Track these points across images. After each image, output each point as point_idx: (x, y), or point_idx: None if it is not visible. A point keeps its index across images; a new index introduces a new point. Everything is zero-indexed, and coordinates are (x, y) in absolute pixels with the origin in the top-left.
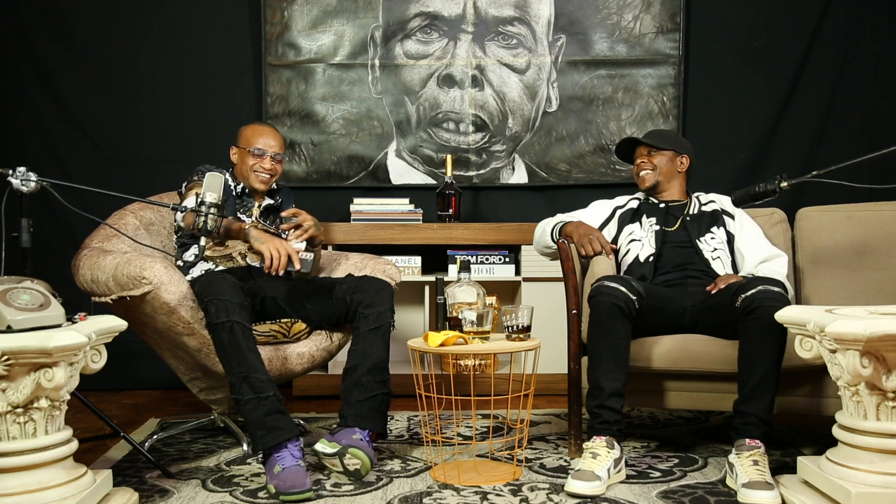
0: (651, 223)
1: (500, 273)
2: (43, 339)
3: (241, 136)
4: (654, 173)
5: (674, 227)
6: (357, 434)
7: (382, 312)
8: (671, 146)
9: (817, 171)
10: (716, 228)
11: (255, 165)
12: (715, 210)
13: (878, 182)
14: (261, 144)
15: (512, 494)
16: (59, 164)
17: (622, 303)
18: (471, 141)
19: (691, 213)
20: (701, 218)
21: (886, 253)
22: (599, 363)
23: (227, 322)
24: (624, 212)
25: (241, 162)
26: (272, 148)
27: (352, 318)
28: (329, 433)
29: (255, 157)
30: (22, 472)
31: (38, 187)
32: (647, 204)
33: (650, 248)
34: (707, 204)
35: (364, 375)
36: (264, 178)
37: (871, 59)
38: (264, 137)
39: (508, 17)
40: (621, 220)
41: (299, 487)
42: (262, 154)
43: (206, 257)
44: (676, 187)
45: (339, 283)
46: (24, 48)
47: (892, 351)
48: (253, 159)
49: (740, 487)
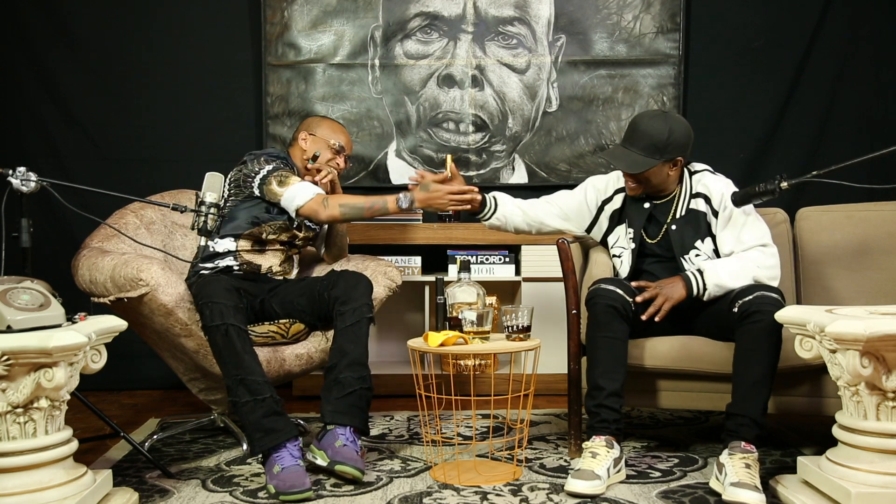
0: (630, 236)
1: (500, 273)
2: (43, 339)
3: (318, 126)
4: (639, 186)
5: (656, 238)
6: (339, 440)
7: (358, 308)
8: (659, 158)
9: (817, 171)
10: (700, 242)
11: (332, 161)
12: (700, 212)
13: (878, 182)
14: (343, 141)
15: (512, 494)
16: (59, 164)
17: (618, 304)
18: (471, 141)
19: (678, 214)
20: (686, 226)
21: (886, 253)
22: (598, 363)
23: (221, 325)
24: (613, 211)
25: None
26: (350, 147)
27: (331, 316)
28: (316, 438)
29: (336, 152)
30: (22, 472)
31: (38, 187)
32: (632, 200)
33: (627, 266)
34: (695, 198)
35: (342, 372)
36: (334, 175)
37: (871, 59)
38: (345, 135)
39: (508, 17)
40: (611, 220)
41: (299, 487)
42: (341, 151)
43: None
44: (671, 184)
45: (320, 281)
46: (24, 48)
47: (892, 351)
48: (332, 154)
49: (727, 486)
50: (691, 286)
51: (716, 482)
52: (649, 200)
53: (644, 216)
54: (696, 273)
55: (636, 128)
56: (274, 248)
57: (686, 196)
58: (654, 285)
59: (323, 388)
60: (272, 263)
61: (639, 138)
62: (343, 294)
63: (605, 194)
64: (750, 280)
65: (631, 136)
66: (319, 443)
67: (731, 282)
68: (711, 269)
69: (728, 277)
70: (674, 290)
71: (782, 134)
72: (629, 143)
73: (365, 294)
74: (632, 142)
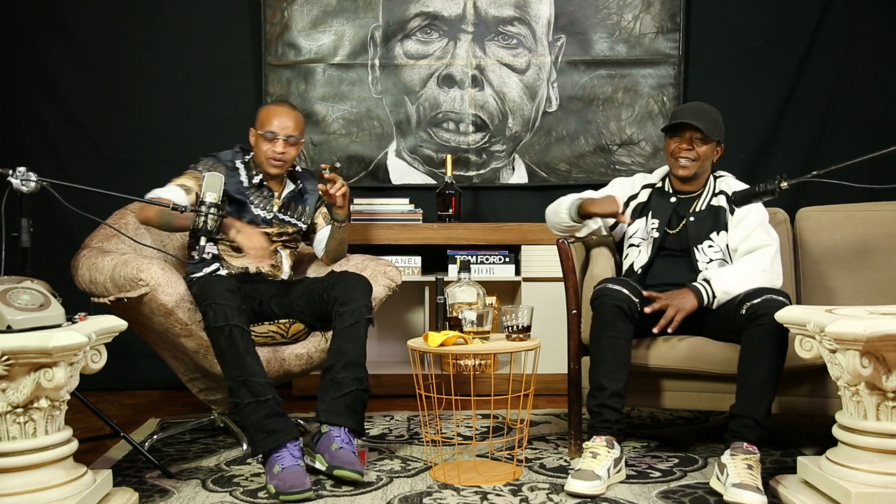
0: (654, 226)
1: (500, 273)
2: (43, 339)
3: (257, 118)
4: (695, 164)
5: (676, 229)
6: (335, 443)
7: (357, 309)
8: (717, 136)
9: (817, 171)
10: (716, 234)
11: (268, 150)
12: (720, 208)
13: (878, 182)
14: (273, 126)
15: (512, 494)
16: (59, 164)
17: (624, 304)
18: (471, 141)
19: (699, 208)
20: (705, 218)
21: (886, 253)
22: (601, 363)
23: (225, 326)
24: (637, 205)
25: (256, 148)
26: (286, 129)
27: (329, 316)
28: (312, 440)
29: (267, 140)
30: (22, 472)
31: (38, 187)
32: (659, 195)
33: (645, 257)
34: (717, 196)
35: (339, 373)
36: (277, 163)
37: (871, 59)
38: (279, 118)
39: (508, 17)
40: (633, 214)
41: (299, 487)
42: (273, 137)
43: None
44: (705, 176)
45: (320, 282)
46: (24, 48)
47: (892, 351)
48: (265, 143)
49: (729, 487)
50: (701, 296)
51: (717, 482)
52: (676, 195)
53: (670, 209)
54: (704, 283)
55: (696, 107)
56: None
57: (709, 193)
58: (664, 297)
59: (319, 388)
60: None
61: (702, 115)
62: (342, 295)
63: (632, 189)
64: (755, 283)
65: (693, 113)
66: (316, 446)
67: (737, 287)
68: (717, 277)
69: (733, 283)
70: (685, 301)
71: (782, 134)
72: (693, 118)
73: (364, 295)
74: (695, 117)
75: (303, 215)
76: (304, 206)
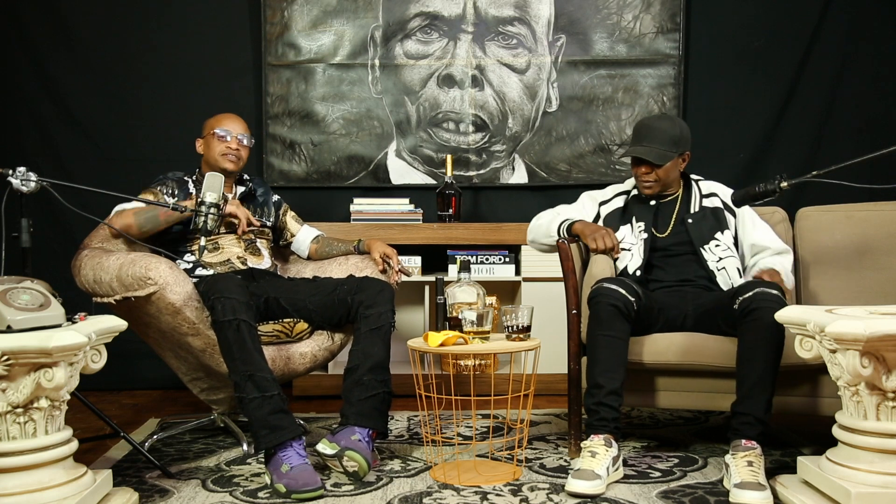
0: (640, 228)
1: (500, 273)
2: (43, 339)
3: (204, 127)
4: (658, 183)
5: (665, 232)
6: (356, 435)
7: (383, 313)
8: (676, 151)
9: (817, 171)
10: (720, 234)
11: (223, 148)
12: (717, 208)
13: (878, 182)
14: (226, 126)
15: (512, 494)
16: (59, 164)
17: (621, 304)
18: (471, 141)
19: (692, 211)
20: (703, 220)
21: (886, 253)
22: (598, 362)
23: (233, 320)
24: (610, 212)
25: (208, 150)
26: (237, 130)
27: (353, 319)
28: (330, 433)
29: (221, 139)
30: (22, 472)
31: (38, 187)
32: (635, 202)
33: (638, 259)
34: (708, 197)
35: (365, 375)
36: (233, 158)
37: (871, 59)
38: (228, 121)
39: (508, 17)
40: (607, 222)
41: (312, 485)
42: (226, 135)
43: (203, 264)
44: (675, 183)
45: (341, 284)
46: (24, 48)
47: (892, 351)
48: (219, 142)
49: (732, 488)
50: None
51: (727, 481)
52: (654, 199)
53: (651, 212)
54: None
55: (649, 127)
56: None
57: (697, 196)
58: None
59: (344, 389)
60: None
61: (655, 136)
62: (368, 298)
63: (602, 196)
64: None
65: (646, 135)
66: (334, 436)
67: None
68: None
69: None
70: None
71: (782, 134)
72: (647, 140)
73: (389, 300)
74: (649, 139)
75: (262, 215)
76: (260, 207)
